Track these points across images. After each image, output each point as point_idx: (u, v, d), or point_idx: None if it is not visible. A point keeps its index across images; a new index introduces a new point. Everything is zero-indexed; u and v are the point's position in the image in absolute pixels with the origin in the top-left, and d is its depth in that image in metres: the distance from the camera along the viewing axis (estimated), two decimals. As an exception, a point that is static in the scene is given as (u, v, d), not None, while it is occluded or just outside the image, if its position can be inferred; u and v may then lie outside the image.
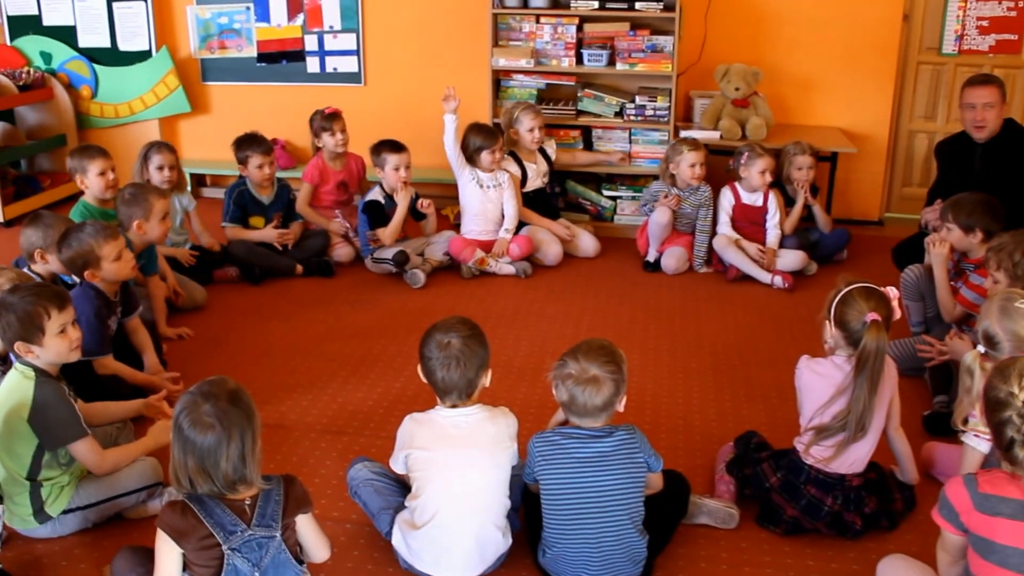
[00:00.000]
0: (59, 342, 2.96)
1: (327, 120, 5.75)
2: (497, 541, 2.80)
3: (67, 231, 3.80)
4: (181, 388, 3.92)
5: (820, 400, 2.94)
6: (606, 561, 2.69)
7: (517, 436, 2.82)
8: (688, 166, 5.49)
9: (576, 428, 2.73)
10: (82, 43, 7.03)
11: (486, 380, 2.82)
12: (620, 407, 2.72)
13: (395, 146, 5.45)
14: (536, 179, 5.87)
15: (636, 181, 6.21)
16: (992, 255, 3.61)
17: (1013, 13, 6.22)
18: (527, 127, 5.72)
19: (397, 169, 5.40)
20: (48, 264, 3.86)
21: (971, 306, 3.92)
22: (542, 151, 5.93)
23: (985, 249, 3.84)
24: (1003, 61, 6.34)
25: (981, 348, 2.90)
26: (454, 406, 2.79)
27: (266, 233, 5.50)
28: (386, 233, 5.42)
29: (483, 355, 2.77)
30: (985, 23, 6.27)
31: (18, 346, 2.92)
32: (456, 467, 2.73)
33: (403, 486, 2.95)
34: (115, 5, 6.92)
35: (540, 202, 5.89)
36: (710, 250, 5.58)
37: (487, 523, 2.77)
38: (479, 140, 5.58)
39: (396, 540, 2.85)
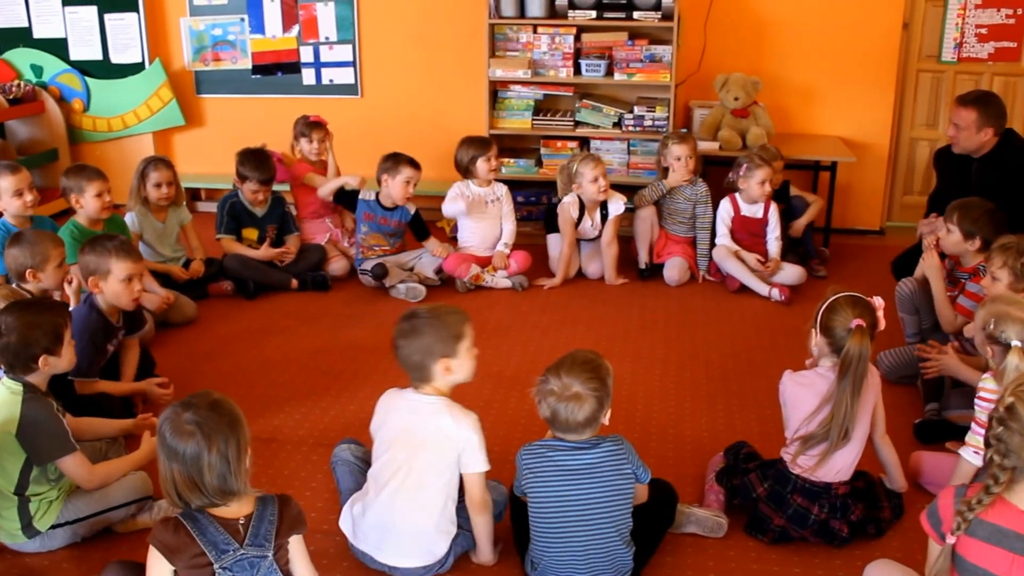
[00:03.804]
0: (70, 351, 3.18)
1: (307, 127, 5.93)
2: (428, 535, 2.93)
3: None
4: (171, 392, 4.03)
5: (806, 411, 3.04)
6: (592, 572, 2.79)
7: (480, 441, 2.92)
8: (674, 159, 5.61)
9: (563, 440, 2.82)
10: (73, 56, 7.15)
11: (440, 368, 2.91)
12: (605, 420, 2.82)
13: (414, 163, 5.57)
14: (588, 231, 5.75)
15: (634, 192, 6.28)
16: (998, 253, 3.70)
17: (1012, 21, 6.35)
18: (590, 178, 5.52)
19: (408, 183, 5.53)
20: (40, 282, 3.97)
21: (971, 315, 4.01)
22: (603, 206, 5.71)
23: (978, 249, 4.04)
24: (1003, 69, 6.47)
25: (1017, 343, 2.99)
26: (416, 388, 2.98)
27: (264, 252, 5.61)
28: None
29: (430, 343, 2.89)
30: (984, 31, 6.40)
31: (43, 359, 3.07)
32: (398, 447, 2.93)
33: None
34: (107, 17, 7.03)
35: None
36: None
37: (418, 510, 2.90)
38: (472, 150, 5.65)
39: (344, 515, 3.06)
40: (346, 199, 5.73)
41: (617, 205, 5.67)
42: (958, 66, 6.50)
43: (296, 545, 2.47)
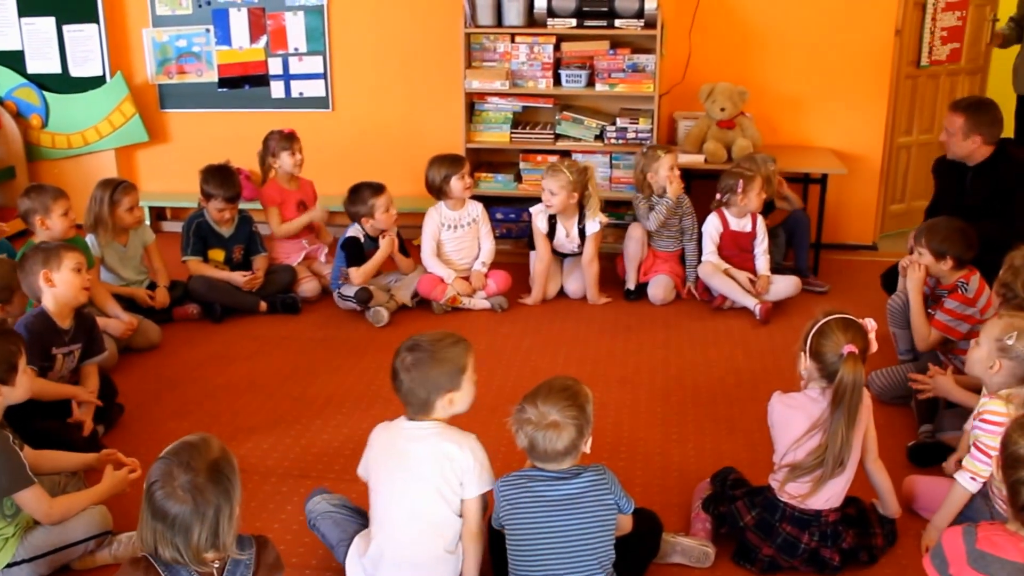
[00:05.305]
0: (25, 379, 3.19)
1: (286, 140, 5.89)
2: (447, 560, 2.94)
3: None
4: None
5: (795, 435, 3.06)
6: (573, 607, 2.79)
7: (481, 463, 2.94)
8: (668, 170, 5.62)
9: (542, 470, 2.84)
10: (30, 69, 7.09)
11: (444, 402, 2.94)
12: (586, 449, 2.83)
13: (377, 188, 5.53)
14: (565, 243, 5.78)
15: (617, 208, 6.32)
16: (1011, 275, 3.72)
17: (960, 22, 6.60)
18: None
19: (388, 210, 5.52)
20: (5, 314, 3.98)
21: (947, 330, 4.11)
22: (579, 221, 5.72)
23: (952, 268, 4.18)
24: (952, 69, 6.71)
25: None
26: (412, 419, 2.98)
27: (233, 277, 5.58)
28: (359, 273, 5.48)
29: (436, 377, 2.91)
30: (945, 33, 6.60)
31: None
32: (400, 478, 2.93)
33: (363, 516, 3.13)
34: (66, 28, 6.98)
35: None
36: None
37: (434, 537, 2.92)
38: (444, 168, 5.60)
39: (350, 565, 3.02)
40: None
41: (594, 223, 5.67)
42: (929, 70, 6.67)
43: None
